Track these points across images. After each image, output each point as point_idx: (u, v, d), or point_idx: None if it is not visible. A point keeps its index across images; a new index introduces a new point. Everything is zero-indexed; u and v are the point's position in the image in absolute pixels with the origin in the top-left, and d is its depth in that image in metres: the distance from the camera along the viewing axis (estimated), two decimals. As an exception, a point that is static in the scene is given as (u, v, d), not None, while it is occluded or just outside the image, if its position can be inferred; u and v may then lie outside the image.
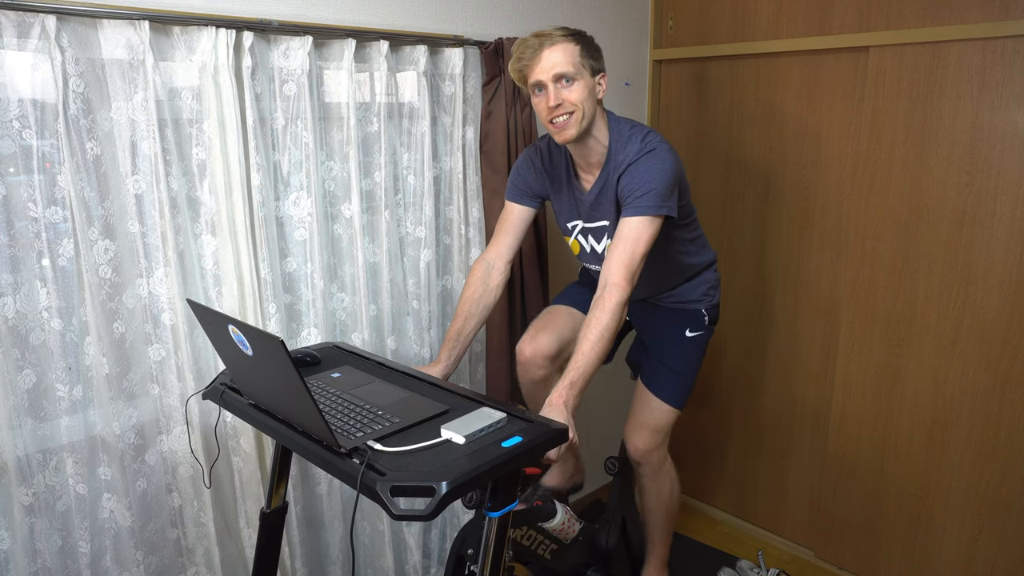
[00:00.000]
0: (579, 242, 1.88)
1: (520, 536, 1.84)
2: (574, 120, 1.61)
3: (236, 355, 1.26)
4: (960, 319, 2.05)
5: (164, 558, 1.71)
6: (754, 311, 2.56)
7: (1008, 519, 2.05)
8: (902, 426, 2.22)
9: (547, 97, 1.61)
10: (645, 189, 1.59)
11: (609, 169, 1.70)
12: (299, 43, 1.69)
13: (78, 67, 1.42)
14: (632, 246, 1.57)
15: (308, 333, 1.88)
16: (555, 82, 1.59)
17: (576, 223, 1.85)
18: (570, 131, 1.62)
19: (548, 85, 1.60)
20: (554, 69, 1.58)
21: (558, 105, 1.60)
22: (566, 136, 1.63)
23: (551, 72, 1.59)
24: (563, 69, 1.58)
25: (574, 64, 1.59)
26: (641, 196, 1.59)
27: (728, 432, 2.73)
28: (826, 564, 2.50)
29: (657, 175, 1.59)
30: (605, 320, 1.51)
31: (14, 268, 1.42)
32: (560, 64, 1.58)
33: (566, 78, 1.59)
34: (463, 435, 1.19)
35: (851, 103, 2.18)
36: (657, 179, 1.59)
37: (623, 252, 1.57)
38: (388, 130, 1.92)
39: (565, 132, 1.62)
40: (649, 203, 1.58)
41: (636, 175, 1.61)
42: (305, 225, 1.81)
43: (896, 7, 2.03)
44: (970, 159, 1.97)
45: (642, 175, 1.60)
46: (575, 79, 1.59)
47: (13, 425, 1.44)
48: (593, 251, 1.86)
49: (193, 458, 1.68)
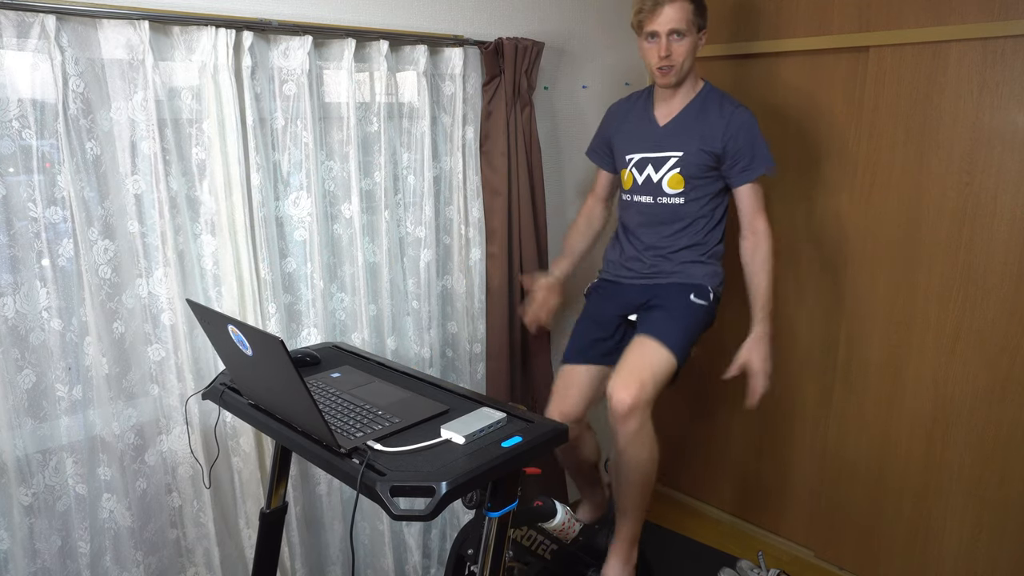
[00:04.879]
0: (633, 174, 2.00)
1: (520, 536, 1.84)
2: (675, 70, 1.84)
3: (236, 355, 1.26)
4: (960, 319, 2.05)
5: (164, 558, 1.71)
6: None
7: (1008, 519, 2.05)
8: (902, 426, 2.22)
9: (659, 47, 1.82)
10: (756, 150, 1.87)
11: (692, 111, 1.91)
12: (299, 43, 1.69)
13: (78, 67, 1.42)
14: (760, 200, 1.92)
15: (308, 333, 1.88)
16: (668, 35, 1.80)
17: (635, 155, 1.99)
18: (671, 78, 1.86)
19: (662, 37, 1.80)
20: (670, 24, 1.79)
21: (667, 56, 1.81)
22: (667, 81, 1.87)
23: (667, 26, 1.79)
24: (677, 25, 1.79)
25: (687, 22, 1.80)
26: (755, 157, 1.87)
27: (728, 432, 2.73)
28: (826, 564, 2.50)
29: (760, 139, 1.88)
30: (764, 253, 1.89)
31: (14, 268, 1.42)
32: (675, 20, 1.79)
33: (678, 33, 1.80)
34: (463, 435, 1.19)
35: (851, 103, 2.18)
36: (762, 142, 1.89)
37: (758, 205, 1.91)
38: (388, 130, 1.92)
39: (667, 78, 1.86)
40: (761, 164, 1.88)
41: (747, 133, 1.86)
42: (305, 225, 1.81)
43: (896, 7, 2.03)
44: (970, 159, 1.97)
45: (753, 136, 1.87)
46: (685, 35, 1.81)
47: (13, 425, 1.44)
48: (648, 181, 1.97)
49: (193, 458, 1.68)
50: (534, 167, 2.24)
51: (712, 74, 2.51)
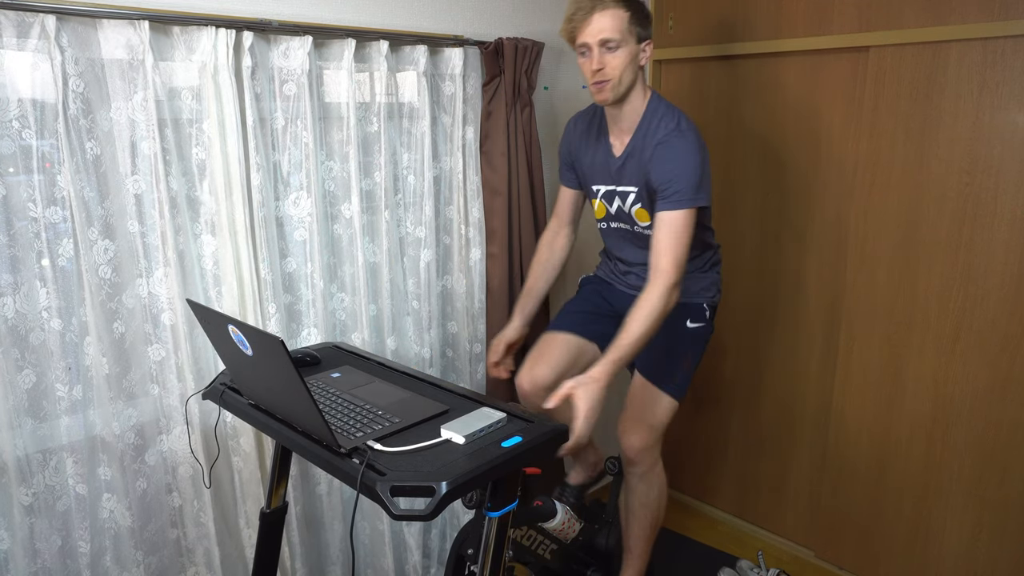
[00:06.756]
0: (604, 204, 1.90)
1: (520, 536, 1.84)
2: (611, 85, 1.68)
3: (236, 355, 1.26)
4: (960, 319, 2.05)
5: (164, 558, 1.71)
6: (754, 311, 2.56)
7: (1008, 519, 2.05)
8: (902, 426, 2.22)
9: (591, 60, 1.67)
10: (678, 181, 1.65)
11: (639, 137, 1.75)
12: (299, 43, 1.69)
13: (78, 67, 1.42)
14: (674, 234, 1.65)
15: (308, 333, 1.88)
16: (600, 47, 1.65)
17: (600, 187, 1.89)
18: (607, 94, 1.70)
19: (593, 49, 1.65)
20: (601, 34, 1.63)
21: (599, 69, 1.66)
22: (603, 98, 1.71)
23: (597, 37, 1.64)
24: (609, 35, 1.63)
25: (621, 31, 1.64)
26: (676, 190, 1.65)
27: (728, 432, 2.73)
28: (826, 564, 2.50)
29: (687, 165, 1.66)
30: (654, 301, 1.59)
31: (14, 268, 1.42)
32: (607, 30, 1.63)
33: (611, 44, 1.64)
34: (463, 435, 1.19)
35: (851, 103, 2.18)
36: (687, 169, 1.65)
37: (666, 240, 1.65)
38: (388, 130, 1.92)
39: (603, 94, 1.70)
40: (685, 196, 1.65)
41: (668, 164, 1.67)
42: (305, 225, 1.81)
43: (896, 7, 2.03)
44: (970, 159, 1.97)
45: (673, 164, 1.66)
46: (620, 46, 1.65)
47: (13, 425, 1.44)
48: (619, 211, 1.87)
49: (193, 458, 1.68)
50: (534, 167, 2.24)
51: (712, 74, 2.51)
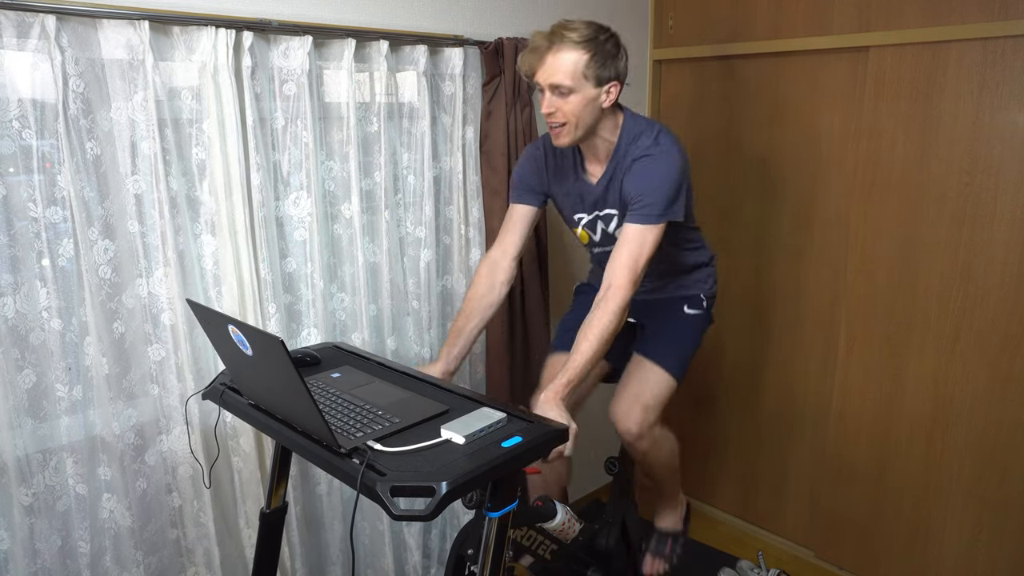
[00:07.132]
0: (587, 232, 1.83)
1: (520, 536, 1.84)
2: (566, 130, 1.59)
3: (236, 355, 1.26)
4: (960, 319, 2.05)
5: (164, 558, 1.71)
6: (754, 311, 2.56)
7: (1008, 519, 2.05)
8: (902, 426, 2.22)
9: (543, 101, 1.59)
10: (650, 195, 1.57)
11: (615, 162, 1.67)
12: (299, 43, 1.69)
13: (78, 67, 1.42)
14: (637, 250, 1.56)
15: (308, 333, 1.88)
16: (551, 91, 1.56)
17: (582, 216, 1.81)
18: (563, 139, 1.61)
19: (545, 91, 1.57)
20: (551, 78, 1.53)
21: (551, 113, 1.58)
22: (559, 143, 1.63)
23: (548, 80, 1.54)
24: (559, 80, 1.53)
25: (574, 77, 1.53)
26: (647, 204, 1.58)
27: (728, 432, 2.73)
28: (826, 564, 2.50)
29: (662, 180, 1.58)
30: (605, 321, 1.51)
31: (14, 268, 1.42)
32: (558, 75, 1.53)
33: (562, 90, 1.54)
34: (463, 435, 1.19)
35: (851, 103, 2.18)
36: (662, 184, 1.58)
37: (627, 256, 1.56)
38: (388, 130, 1.92)
39: (558, 140, 1.62)
40: (654, 211, 1.57)
41: (642, 178, 1.60)
42: (305, 225, 1.81)
43: (896, 7, 2.03)
44: (970, 159, 1.97)
45: (648, 179, 1.59)
46: (573, 91, 1.54)
47: (13, 425, 1.44)
48: (605, 235, 1.80)
49: (193, 458, 1.68)
50: (534, 167, 2.23)
51: (711, 74, 2.51)
